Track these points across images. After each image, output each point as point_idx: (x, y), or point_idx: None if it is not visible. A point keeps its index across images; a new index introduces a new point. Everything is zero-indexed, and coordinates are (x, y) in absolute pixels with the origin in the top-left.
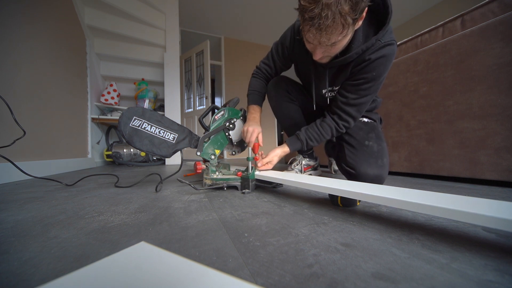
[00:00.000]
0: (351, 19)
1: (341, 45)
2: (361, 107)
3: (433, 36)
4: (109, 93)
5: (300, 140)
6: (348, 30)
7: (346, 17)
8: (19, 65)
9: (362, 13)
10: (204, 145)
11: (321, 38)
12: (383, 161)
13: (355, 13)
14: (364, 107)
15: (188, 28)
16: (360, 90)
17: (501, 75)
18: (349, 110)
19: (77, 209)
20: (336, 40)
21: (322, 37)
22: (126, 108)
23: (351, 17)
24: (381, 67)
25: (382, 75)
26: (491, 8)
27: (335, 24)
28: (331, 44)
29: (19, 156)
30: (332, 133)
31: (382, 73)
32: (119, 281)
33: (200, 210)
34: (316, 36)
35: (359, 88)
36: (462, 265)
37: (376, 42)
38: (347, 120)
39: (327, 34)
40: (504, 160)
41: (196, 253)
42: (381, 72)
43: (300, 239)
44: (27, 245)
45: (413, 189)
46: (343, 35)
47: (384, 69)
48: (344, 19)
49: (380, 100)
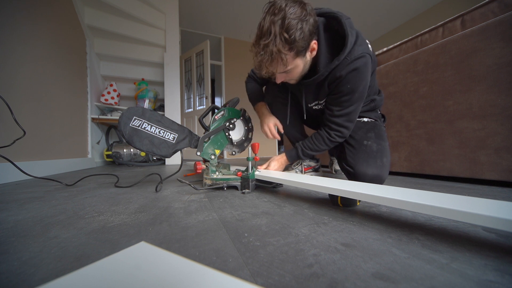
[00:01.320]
0: (290, 53)
1: (297, 71)
2: (350, 116)
3: (433, 36)
4: (109, 93)
5: (296, 148)
6: (293, 61)
7: (281, 53)
8: (19, 65)
9: (307, 45)
10: (204, 145)
11: (268, 69)
12: (383, 161)
13: (293, 48)
14: (353, 115)
15: (188, 28)
16: (342, 103)
17: (501, 75)
18: (337, 120)
19: (77, 209)
20: (284, 70)
21: (268, 70)
22: (126, 108)
23: (288, 52)
24: (354, 79)
25: (358, 87)
26: (491, 8)
27: (273, 59)
28: (284, 72)
29: (19, 156)
30: (326, 142)
31: (358, 84)
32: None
33: (200, 210)
34: (263, 69)
35: (340, 101)
36: (462, 265)
37: (344, 59)
38: (338, 129)
39: (271, 67)
40: (504, 160)
41: (196, 253)
42: (357, 84)
43: (300, 239)
44: (27, 245)
45: (413, 189)
46: (289, 66)
47: (359, 81)
48: (281, 55)
49: (381, 98)
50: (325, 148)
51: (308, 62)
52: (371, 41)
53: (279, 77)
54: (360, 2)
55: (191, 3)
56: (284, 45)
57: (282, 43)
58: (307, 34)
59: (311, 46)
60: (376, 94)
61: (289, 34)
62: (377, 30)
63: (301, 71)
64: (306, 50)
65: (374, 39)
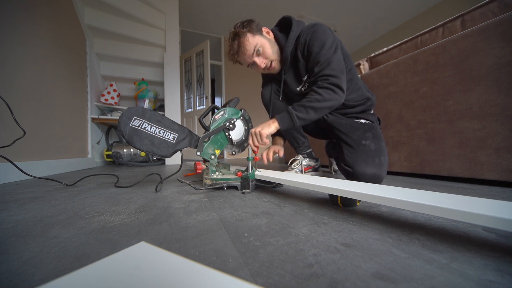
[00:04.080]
0: (247, 33)
1: (267, 49)
2: (332, 65)
3: (433, 36)
4: (109, 93)
5: (288, 112)
6: (254, 38)
7: (241, 33)
8: (19, 65)
9: (259, 29)
10: (204, 145)
11: (242, 55)
12: (381, 160)
13: (248, 30)
14: (335, 65)
15: (188, 28)
16: (319, 59)
17: (501, 75)
18: (321, 73)
19: (77, 209)
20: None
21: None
22: (126, 108)
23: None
24: (318, 36)
25: (326, 40)
26: (491, 8)
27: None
28: (257, 55)
29: (19, 156)
30: (316, 97)
31: (325, 38)
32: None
33: (200, 210)
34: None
35: (317, 59)
36: (462, 265)
37: (302, 31)
38: (324, 78)
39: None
40: (504, 160)
41: (196, 253)
42: (323, 38)
43: (300, 239)
44: (27, 245)
45: (413, 189)
46: (252, 43)
47: (323, 36)
48: (241, 35)
49: (374, 98)
50: (319, 106)
51: (272, 42)
52: (371, 41)
53: (257, 61)
54: (360, 2)
55: (191, 3)
56: (241, 28)
57: (239, 28)
58: (254, 25)
59: (264, 30)
60: (369, 93)
61: (242, 25)
62: (377, 30)
63: (270, 48)
64: (260, 31)
65: (374, 39)
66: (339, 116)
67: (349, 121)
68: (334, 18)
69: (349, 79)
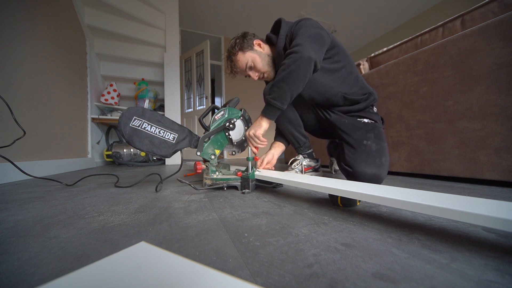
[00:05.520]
0: (238, 51)
1: (258, 63)
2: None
3: (433, 36)
4: (109, 93)
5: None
6: (244, 55)
7: (233, 50)
8: (19, 65)
9: (250, 43)
10: (204, 145)
11: (236, 67)
12: (381, 160)
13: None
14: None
15: (188, 28)
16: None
17: (501, 75)
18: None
19: (77, 209)
20: (244, 64)
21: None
22: (126, 108)
23: (237, 51)
24: (302, 24)
25: (308, 26)
26: (491, 8)
27: (232, 61)
28: (250, 69)
29: (19, 156)
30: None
31: (308, 26)
32: (119, 281)
33: (200, 210)
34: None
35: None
36: (462, 265)
37: (290, 27)
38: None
39: (235, 62)
40: (504, 160)
41: (196, 253)
42: (307, 26)
43: (300, 239)
44: (27, 245)
45: (413, 189)
46: (242, 60)
47: (307, 25)
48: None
49: (376, 94)
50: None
51: (263, 53)
52: (371, 41)
53: (250, 74)
54: (360, 2)
55: (191, 3)
56: (233, 48)
57: (231, 48)
58: (245, 42)
59: (255, 43)
60: (370, 89)
61: (235, 42)
62: (377, 30)
63: (261, 61)
64: (251, 46)
65: (374, 39)
66: (342, 115)
67: (352, 120)
68: (334, 18)
69: (349, 72)
